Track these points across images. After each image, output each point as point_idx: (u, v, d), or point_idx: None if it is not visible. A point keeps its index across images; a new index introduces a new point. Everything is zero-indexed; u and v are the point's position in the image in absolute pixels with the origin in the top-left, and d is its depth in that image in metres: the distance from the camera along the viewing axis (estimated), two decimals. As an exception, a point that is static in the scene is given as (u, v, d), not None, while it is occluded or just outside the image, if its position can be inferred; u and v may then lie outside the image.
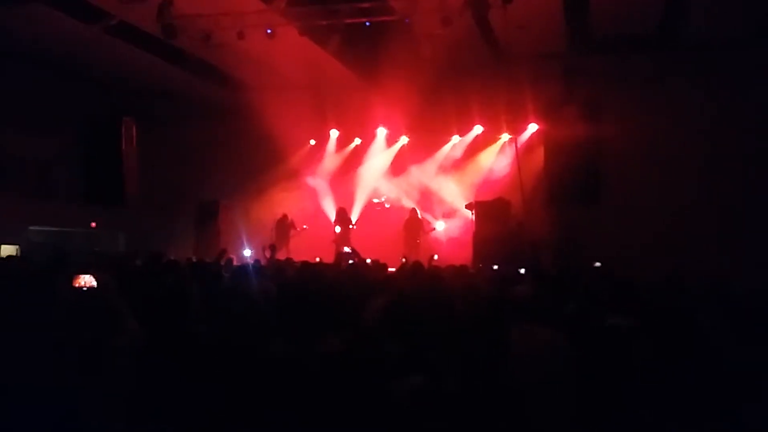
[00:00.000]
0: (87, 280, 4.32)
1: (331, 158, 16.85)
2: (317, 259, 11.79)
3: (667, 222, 13.08)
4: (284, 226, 15.45)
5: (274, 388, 3.64)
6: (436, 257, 13.67)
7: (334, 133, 16.75)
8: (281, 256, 13.43)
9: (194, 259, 11.92)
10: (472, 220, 14.20)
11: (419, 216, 15.16)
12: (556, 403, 3.73)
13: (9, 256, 10.59)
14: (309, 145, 16.84)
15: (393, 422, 3.25)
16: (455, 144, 15.88)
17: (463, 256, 13.26)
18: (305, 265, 8.80)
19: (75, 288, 4.34)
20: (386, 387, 3.41)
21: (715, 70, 13.23)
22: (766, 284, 6.71)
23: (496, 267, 10.49)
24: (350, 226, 15.28)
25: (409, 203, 15.78)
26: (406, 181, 16.09)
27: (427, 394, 3.32)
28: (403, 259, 11.84)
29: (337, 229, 15.18)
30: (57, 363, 3.60)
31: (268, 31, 11.96)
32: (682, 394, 3.93)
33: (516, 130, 15.09)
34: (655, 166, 13.59)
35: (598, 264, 11.11)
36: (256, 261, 9.98)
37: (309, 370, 3.70)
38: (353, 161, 16.68)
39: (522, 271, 9.47)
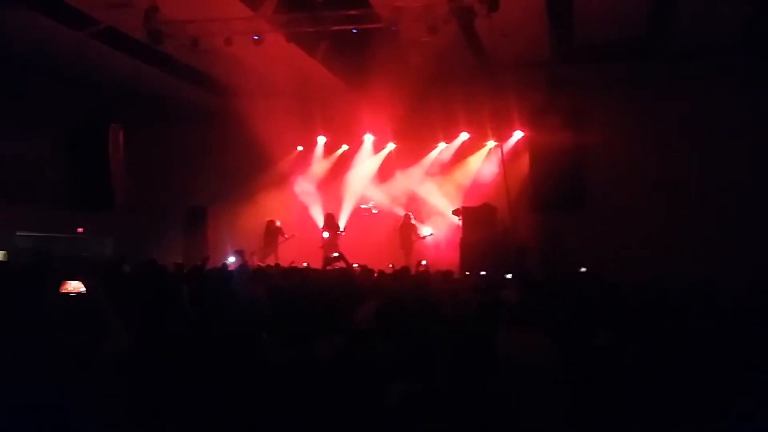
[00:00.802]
0: (75, 286, 4.31)
1: (318, 164, 16.90)
2: (304, 264, 11.83)
3: (652, 226, 13.25)
4: (272, 232, 15.47)
5: (265, 393, 3.66)
6: (424, 263, 13.78)
7: (321, 139, 16.82)
8: (270, 262, 13.47)
9: (182, 264, 11.95)
10: (458, 225, 14.29)
11: (412, 221, 15.18)
12: (545, 406, 3.78)
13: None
14: (296, 151, 16.89)
15: (385, 426, 3.28)
16: (442, 150, 15.99)
17: (450, 261, 13.36)
18: (293, 270, 8.86)
19: (63, 294, 4.33)
20: (377, 391, 3.44)
21: (697, 77, 13.42)
22: (750, 286, 6.82)
23: (483, 273, 10.61)
24: (338, 232, 15.33)
25: (399, 209, 15.86)
26: (393, 187, 16.16)
27: (418, 398, 3.36)
28: (390, 265, 11.91)
29: (325, 234, 15.23)
30: (45, 368, 3.60)
31: (256, 37, 11.98)
32: (672, 397, 3.98)
33: (501, 136, 15.22)
34: (639, 172, 13.77)
35: (583, 269, 11.27)
36: (241, 265, 9.96)
37: (300, 375, 3.73)
38: (341, 167, 16.74)
39: (509, 276, 9.59)
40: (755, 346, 4.40)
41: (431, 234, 15.16)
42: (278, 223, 15.57)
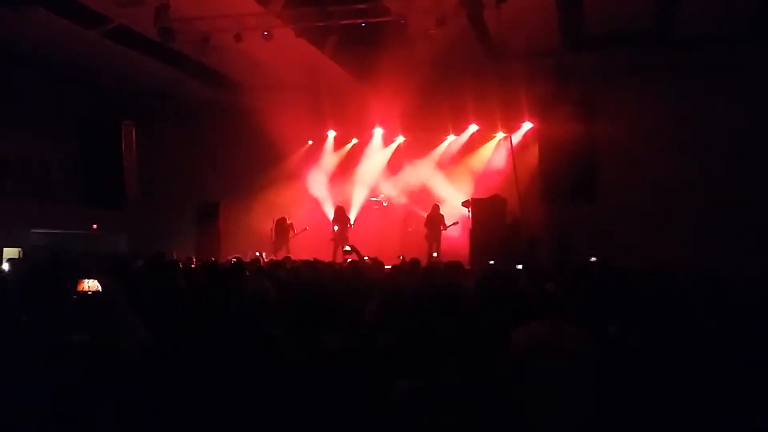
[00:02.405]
0: (92, 285, 4.35)
1: (329, 158, 16.99)
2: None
3: (662, 217, 13.21)
4: (283, 227, 15.54)
5: (272, 386, 3.69)
6: (435, 254, 13.84)
7: (331, 134, 16.91)
8: (281, 257, 13.50)
9: (194, 259, 12.09)
10: (468, 217, 14.31)
11: (440, 212, 14.81)
12: (580, 399, 3.79)
13: (11, 259, 10.70)
14: (307, 146, 16.98)
15: (391, 420, 3.32)
16: (451, 142, 16.02)
17: (461, 252, 13.41)
18: (304, 263, 8.94)
19: (80, 292, 4.37)
20: (386, 384, 3.47)
21: (707, 66, 13.32)
22: (760, 276, 6.82)
23: (492, 262, 10.65)
24: (348, 225, 15.39)
25: (404, 200, 15.92)
26: (403, 180, 16.20)
27: (424, 392, 3.38)
28: (401, 257, 11.98)
29: (336, 227, 15.30)
30: (63, 365, 3.63)
31: (265, 33, 12.05)
32: (678, 386, 3.99)
33: (510, 128, 15.21)
34: (649, 162, 13.70)
35: (593, 258, 11.28)
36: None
37: (308, 368, 3.77)
38: (351, 161, 16.81)
39: (519, 266, 9.63)
40: (760, 336, 4.42)
41: (457, 223, 14.90)
42: (289, 221, 15.64)
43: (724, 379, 4.01)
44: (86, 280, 4.36)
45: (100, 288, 4.31)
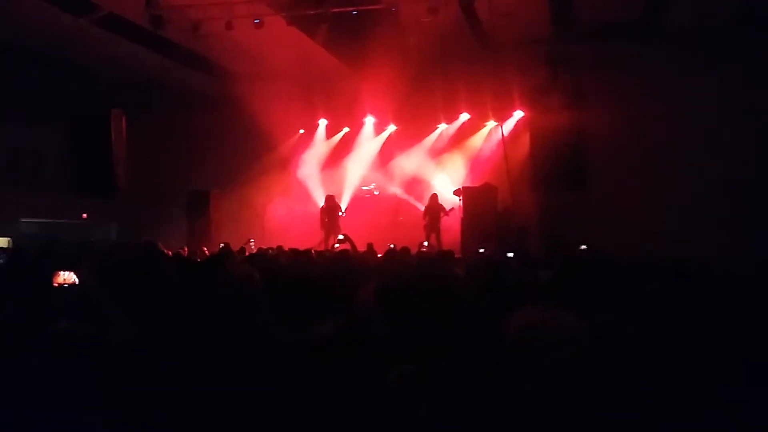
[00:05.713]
0: (68, 277, 4.27)
1: (320, 147, 16.99)
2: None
3: (652, 206, 13.29)
4: (332, 207, 14.94)
5: (261, 376, 3.69)
6: (426, 244, 13.86)
7: (322, 122, 16.90)
8: (332, 240, 13.21)
9: (186, 249, 12.06)
10: (460, 205, 14.34)
11: (439, 201, 14.62)
12: (575, 384, 3.80)
13: (0, 248, 10.66)
14: (298, 134, 16.97)
15: (385, 408, 3.32)
16: (442, 131, 16.03)
17: (452, 240, 13.45)
18: (294, 252, 8.95)
19: (56, 285, 4.30)
20: (378, 372, 3.48)
21: (698, 55, 13.36)
22: (751, 266, 6.86)
23: (482, 250, 10.70)
24: (339, 214, 15.38)
25: (398, 190, 15.92)
26: (394, 169, 16.22)
27: (419, 380, 3.38)
28: (391, 245, 11.99)
29: (326, 217, 15.28)
30: (48, 353, 3.60)
31: (256, 21, 12.00)
32: (672, 381, 4.02)
33: (502, 117, 15.25)
34: (640, 151, 13.79)
35: (584, 246, 11.34)
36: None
37: (298, 358, 3.78)
38: (342, 149, 16.82)
39: (510, 255, 9.68)
40: (751, 328, 4.45)
41: (453, 209, 14.70)
42: (336, 199, 15.14)
43: (715, 373, 4.04)
44: (62, 273, 4.26)
45: (77, 280, 4.21)
